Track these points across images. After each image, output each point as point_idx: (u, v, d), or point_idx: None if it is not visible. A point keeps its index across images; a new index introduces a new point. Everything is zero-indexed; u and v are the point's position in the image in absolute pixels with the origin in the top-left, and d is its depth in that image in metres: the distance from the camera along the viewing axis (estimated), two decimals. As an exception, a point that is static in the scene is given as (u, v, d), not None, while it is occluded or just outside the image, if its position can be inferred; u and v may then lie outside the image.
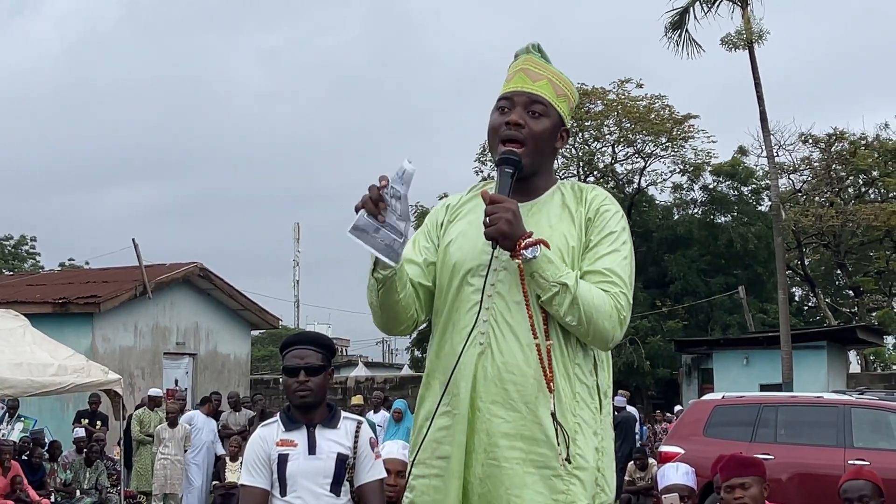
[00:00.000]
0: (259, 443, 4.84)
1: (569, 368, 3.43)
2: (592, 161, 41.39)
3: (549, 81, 3.56)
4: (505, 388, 3.34)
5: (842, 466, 11.73)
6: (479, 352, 3.37)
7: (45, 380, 14.60)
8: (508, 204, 3.29)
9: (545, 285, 3.32)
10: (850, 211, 38.80)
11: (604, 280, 3.43)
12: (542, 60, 3.59)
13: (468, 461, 3.35)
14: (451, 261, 3.51)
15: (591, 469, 3.42)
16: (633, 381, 36.10)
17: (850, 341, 30.60)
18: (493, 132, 3.55)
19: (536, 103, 3.51)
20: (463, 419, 3.35)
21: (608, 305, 3.39)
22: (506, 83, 3.58)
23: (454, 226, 3.62)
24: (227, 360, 27.39)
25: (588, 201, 3.58)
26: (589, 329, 3.38)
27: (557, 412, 3.35)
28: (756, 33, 26.21)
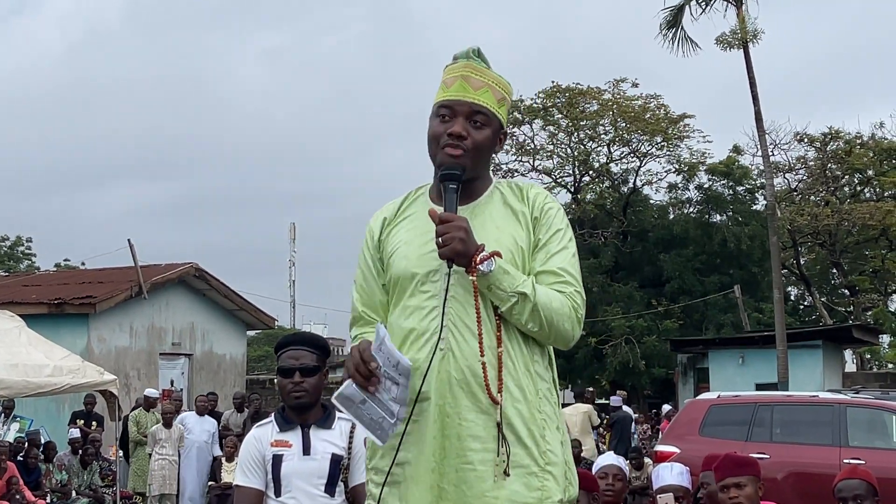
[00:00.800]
0: (254, 443, 4.85)
1: (530, 367, 3.44)
2: (588, 161, 41.39)
3: (489, 88, 3.52)
4: (471, 392, 3.34)
5: (837, 465, 11.73)
6: (441, 357, 3.36)
7: (40, 380, 14.59)
8: (460, 222, 3.29)
9: (503, 296, 3.34)
10: (846, 210, 38.83)
11: (558, 280, 3.45)
12: (483, 66, 3.55)
13: (440, 467, 3.33)
14: (399, 271, 3.49)
15: (560, 463, 3.45)
16: (629, 380, 36.12)
17: (846, 340, 30.60)
18: (434, 140, 3.50)
19: (478, 113, 3.49)
20: (426, 424, 3.34)
21: (566, 307, 3.42)
22: (444, 88, 3.53)
23: (394, 235, 3.59)
24: (223, 360, 27.38)
25: (531, 200, 3.57)
26: (550, 332, 3.41)
27: (525, 414, 3.38)
28: (750, 33, 26.23)
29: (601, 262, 37.68)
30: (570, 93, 40.35)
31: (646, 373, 35.49)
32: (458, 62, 3.56)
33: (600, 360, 36.18)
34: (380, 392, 3.25)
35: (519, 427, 3.36)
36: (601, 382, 37.09)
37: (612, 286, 37.00)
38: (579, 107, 40.37)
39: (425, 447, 3.35)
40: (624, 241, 39.71)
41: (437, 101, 3.54)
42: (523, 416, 3.38)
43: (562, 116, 40.79)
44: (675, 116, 40.16)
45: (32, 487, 15.53)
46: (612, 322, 35.35)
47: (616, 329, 35.31)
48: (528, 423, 3.38)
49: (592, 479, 6.59)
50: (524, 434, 3.36)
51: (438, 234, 3.28)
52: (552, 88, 40.51)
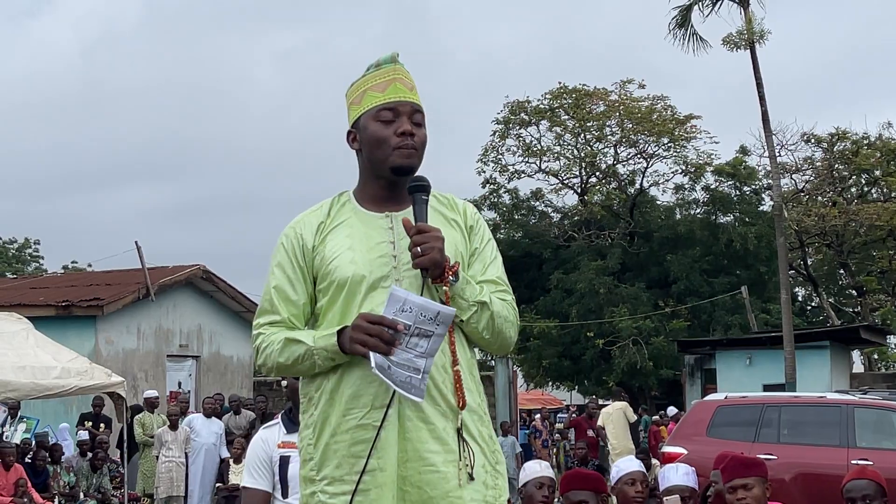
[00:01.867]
0: (261, 445, 4.85)
1: (473, 371, 3.51)
2: (594, 162, 41.39)
3: (416, 91, 3.58)
4: (431, 396, 3.36)
5: (845, 466, 11.72)
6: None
7: (48, 382, 14.62)
8: (437, 233, 3.33)
9: (465, 305, 3.39)
10: (853, 210, 38.78)
11: (498, 289, 3.53)
12: (406, 70, 3.60)
13: (402, 470, 3.35)
14: (347, 276, 3.45)
15: (504, 462, 3.58)
16: (637, 381, 36.10)
17: (854, 341, 30.56)
18: (381, 142, 3.50)
19: (417, 113, 3.54)
20: (393, 430, 3.35)
21: (512, 315, 3.52)
22: (376, 93, 3.54)
23: (331, 241, 3.55)
24: (230, 362, 27.41)
25: (460, 209, 3.63)
26: (497, 339, 3.49)
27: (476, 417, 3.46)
28: (757, 33, 26.22)
29: (608, 263, 37.67)
30: (577, 94, 40.36)
31: (653, 374, 35.46)
32: (383, 67, 3.58)
33: (607, 361, 36.16)
34: (398, 354, 3.24)
35: (473, 429, 3.43)
36: (608, 384, 37.06)
37: (618, 287, 36.98)
38: (586, 108, 40.38)
39: (391, 452, 3.35)
40: (631, 242, 39.69)
41: (373, 105, 3.53)
42: (475, 419, 3.46)
43: (568, 118, 40.79)
44: (681, 117, 40.16)
45: (40, 489, 15.55)
46: (619, 323, 35.33)
47: (623, 330, 35.28)
48: (478, 424, 3.47)
49: (600, 480, 6.58)
50: (477, 434, 3.44)
51: (416, 243, 3.29)
52: (559, 89, 40.53)
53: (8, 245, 55.17)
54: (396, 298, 3.24)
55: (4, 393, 14.17)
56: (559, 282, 37.21)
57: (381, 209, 3.54)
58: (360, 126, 3.57)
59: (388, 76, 3.55)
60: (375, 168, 3.55)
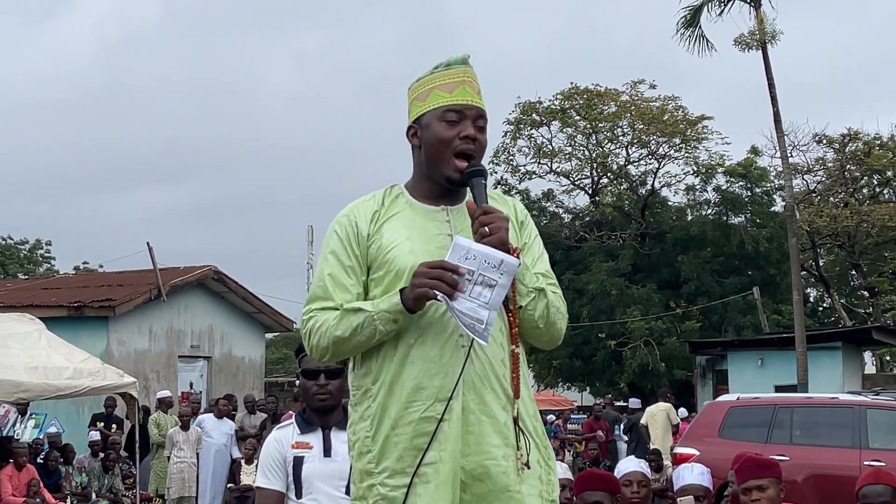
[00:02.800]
0: (274, 445, 4.85)
1: (525, 367, 3.52)
2: (606, 163, 41.34)
3: (481, 96, 3.59)
4: (493, 389, 3.38)
5: (857, 467, 11.72)
6: (464, 354, 3.37)
7: (60, 383, 14.65)
8: (502, 213, 3.33)
9: (524, 291, 3.40)
10: (865, 211, 38.68)
11: (549, 282, 3.54)
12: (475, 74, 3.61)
13: (467, 463, 3.36)
14: (406, 265, 3.42)
15: (554, 458, 3.60)
16: (649, 382, 36.02)
17: (866, 342, 30.49)
18: (443, 144, 3.50)
19: (482, 118, 3.55)
20: (455, 423, 3.35)
21: (563, 307, 3.55)
22: (444, 93, 3.54)
23: (388, 231, 3.54)
24: (242, 362, 27.44)
25: (512, 205, 3.66)
26: (549, 331, 3.50)
27: (531, 411, 3.48)
28: (769, 34, 26.17)
29: (619, 264, 37.63)
30: (588, 94, 40.32)
31: (665, 375, 35.41)
32: (453, 68, 3.58)
33: (619, 362, 36.12)
34: (461, 302, 3.22)
35: (528, 424, 3.45)
36: (620, 385, 37.03)
37: (630, 288, 36.93)
38: (597, 108, 40.34)
39: (453, 445, 3.35)
40: (642, 242, 39.63)
41: (439, 104, 3.53)
42: (529, 413, 3.47)
43: (580, 118, 40.75)
44: (693, 118, 40.10)
45: (52, 490, 15.59)
46: (630, 324, 35.29)
47: (635, 331, 35.23)
48: (532, 419, 3.48)
49: (615, 481, 6.58)
50: (531, 428, 3.45)
51: (483, 223, 3.28)
52: (570, 90, 40.48)
53: (20, 246, 55.29)
54: (460, 247, 3.24)
55: (17, 393, 14.20)
56: (570, 282, 37.15)
57: (437, 203, 3.54)
58: (422, 123, 3.56)
59: (458, 77, 3.56)
60: (432, 167, 3.55)
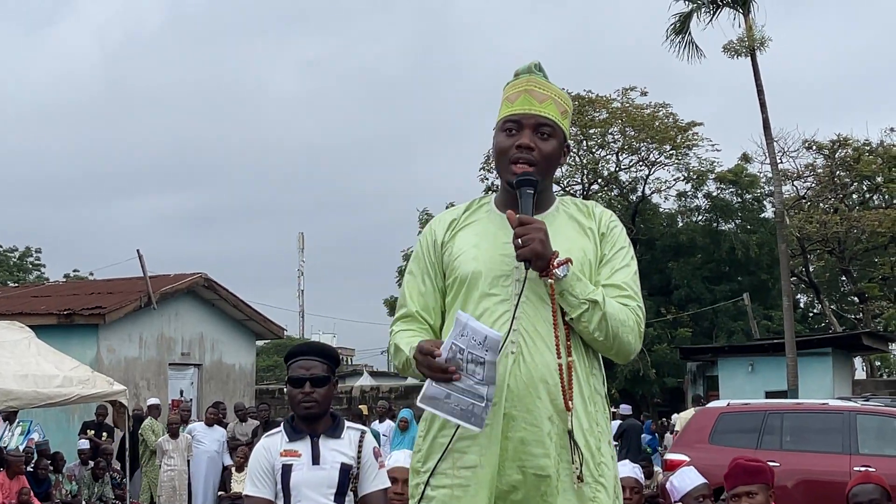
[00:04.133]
0: (263, 453, 4.85)
1: (590, 380, 3.49)
2: (597, 169, 41.37)
3: (553, 101, 3.59)
4: (539, 397, 3.38)
5: (847, 473, 11.73)
6: (512, 361, 3.39)
7: (50, 391, 14.64)
8: (539, 224, 3.34)
9: (575, 303, 3.38)
10: (855, 217, 38.74)
11: (622, 294, 3.50)
12: (544, 79, 3.62)
13: (500, 469, 3.37)
14: (468, 272, 3.51)
15: (612, 476, 3.52)
16: (640, 389, 36.04)
17: (856, 348, 30.52)
18: (502, 154, 3.56)
19: (544, 125, 3.55)
20: (496, 428, 3.37)
21: (631, 320, 3.48)
22: (508, 104, 3.59)
23: (461, 238, 3.62)
24: (232, 370, 27.39)
25: (597, 217, 3.65)
26: (614, 344, 3.46)
27: (585, 426, 3.43)
28: (758, 40, 26.23)
29: (610, 270, 37.61)
30: (580, 101, 40.36)
31: (656, 381, 35.42)
32: (520, 77, 3.62)
33: (610, 368, 36.02)
34: (463, 381, 3.25)
35: (579, 437, 3.41)
36: (611, 391, 37.03)
37: (620, 294, 36.93)
38: (588, 115, 40.37)
39: (493, 450, 3.37)
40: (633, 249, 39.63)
41: (501, 116, 3.59)
42: (582, 427, 3.43)
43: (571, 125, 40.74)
44: (683, 125, 40.15)
45: (42, 499, 15.54)
46: (621, 330, 35.24)
47: (625, 337, 35.21)
48: (586, 434, 3.44)
49: None
50: (582, 444, 3.41)
51: (518, 234, 3.31)
52: (561, 97, 40.48)
53: (9, 253, 55.14)
54: (459, 322, 3.26)
55: (6, 402, 14.18)
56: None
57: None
58: (494, 133, 3.62)
59: (521, 87, 3.59)
60: (500, 175, 3.62)
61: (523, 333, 3.40)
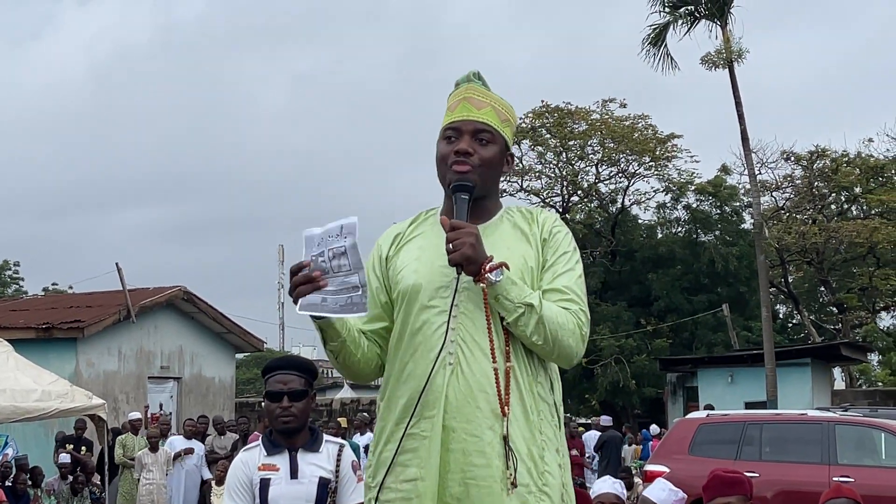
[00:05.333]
0: (241, 467, 4.84)
1: (533, 387, 3.46)
2: (576, 181, 41.46)
3: (492, 108, 3.60)
4: (479, 407, 3.36)
5: (826, 483, 11.73)
6: (450, 372, 3.38)
7: (28, 406, 14.55)
8: (470, 229, 3.33)
9: (510, 307, 3.36)
10: (833, 228, 38.91)
11: (563, 298, 3.48)
12: (484, 88, 3.64)
13: (443, 481, 3.35)
14: (409, 285, 3.52)
15: (557, 486, 3.46)
16: (620, 400, 36.10)
17: (835, 358, 30.66)
18: (442, 161, 3.58)
19: (483, 131, 3.56)
20: (435, 440, 3.36)
21: (571, 323, 3.44)
22: (449, 112, 3.62)
23: (404, 252, 3.63)
24: (212, 383, 27.31)
25: (540, 223, 3.64)
26: (554, 348, 3.42)
27: (525, 434, 3.40)
28: (735, 52, 26.35)
29: (590, 282, 37.69)
30: (559, 113, 40.45)
31: (636, 392, 35.48)
32: (460, 87, 3.64)
33: (590, 379, 36.16)
34: (332, 281, 3.29)
35: (520, 445, 3.38)
36: (591, 402, 37.08)
37: (600, 306, 37.03)
38: (568, 127, 40.47)
39: (432, 462, 3.36)
40: (612, 260, 39.75)
41: (444, 124, 3.61)
42: (524, 436, 3.39)
43: (550, 136, 40.87)
44: (662, 136, 40.28)
45: (21, 513, 15.47)
46: (601, 342, 35.35)
47: (605, 349, 35.30)
48: (528, 442, 3.40)
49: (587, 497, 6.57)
50: (524, 453, 3.38)
51: (449, 240, 3.31)
52: (541, 108, 40.61)
53: (-12, 267, 54.92)
54: (309, 238, 3.33)
55: (-16, 416, 14.10)
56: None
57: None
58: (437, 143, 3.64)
59: (461, 95, 3.62)
60: (442, 184, 3.61)
61: (461, 344, 3.40)
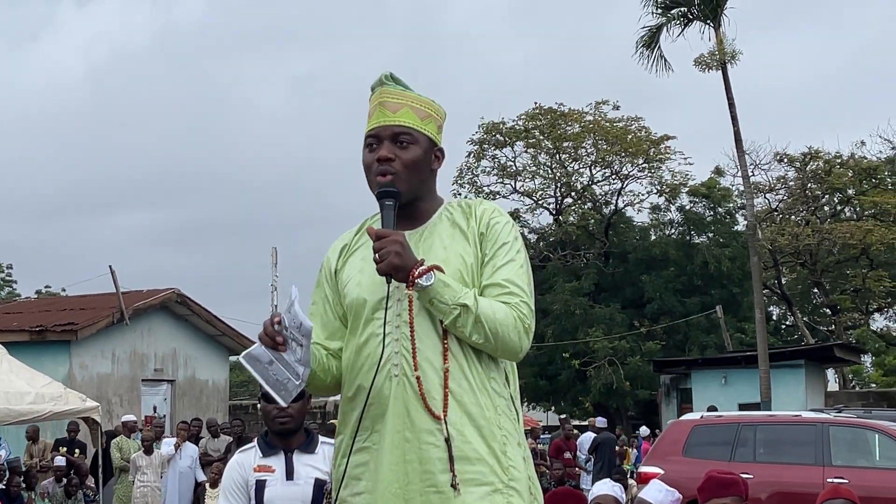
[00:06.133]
0: (237, 469, 4.84)
1: (485, 384, 3.42)
2: (570, 182, 41.48)
3: (409, 108, 3.55)
4: (428, 410, 3.33)
5: (820, 484, 11.77)
6: (396, 383, 3.35)
7: (22, 408, 14.54)
8: (395, 237, 3.30)
9: (445, 309, 3.33)
10: (826, 229, 38.95)
11: (504, 292, 3.43)
12: (399, 88, 3.59)
13: (406, 493, 3.32)
14: (353, 299, 3.50)
15: (524, 479, 3.44)
16: (614, 402, 36.08)
17: (828, 360, 30.68)
18: (367, 170, 3.55)
19: (402, 134, 3.51)
20: (387, 452, 3.34)
21: (511, 317, 3.40)
22: (369, 120, 3.58)
23: (349, 265, 3.61)
24: (206, 386, 27.29)
25: (478, 216, 3.58)
26: (497, 344, 3.39)
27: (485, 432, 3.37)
28: (728, 54, 26.38)
29: (583, 283, 37.72)
30: (552, 115, 40.47)
31: (630, 394, 35.48)
32: (375, 91, 3.60)
33: (584, 381, 36.16)
34: (287, 353, 3.26)
35: (478, 444, 3.34)
36: (585, 404, 37.08)
37: (594, 308, 37.03)
38: (561, 128, 40.49)
39: (382, 475, 3.34)
40: (606, 262, 39.76)
41: (365, 132, 3.58)
42: (482, 434, 3.36)
43: (544, 138, 40.89)
44: (656, 138, 40.31)
45: (15, 516, 15.43)
46: (594, 344, 35.36)
47: (599, 351, 35.30)
48: (487, 439, 3.36)
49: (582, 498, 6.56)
50: (484, 451, 3.34)
51: (375, 250, 3.28)
52: (534, 110, 40.63)
53: (-19, 270, 54.84)
54: (289, 298, 3.28)
55: (-22, 419, 14.08)
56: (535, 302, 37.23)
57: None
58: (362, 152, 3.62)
59: (376, 101, 3.58)
60: (372, 192, 3.56)
61: (404, 354, 3.37)
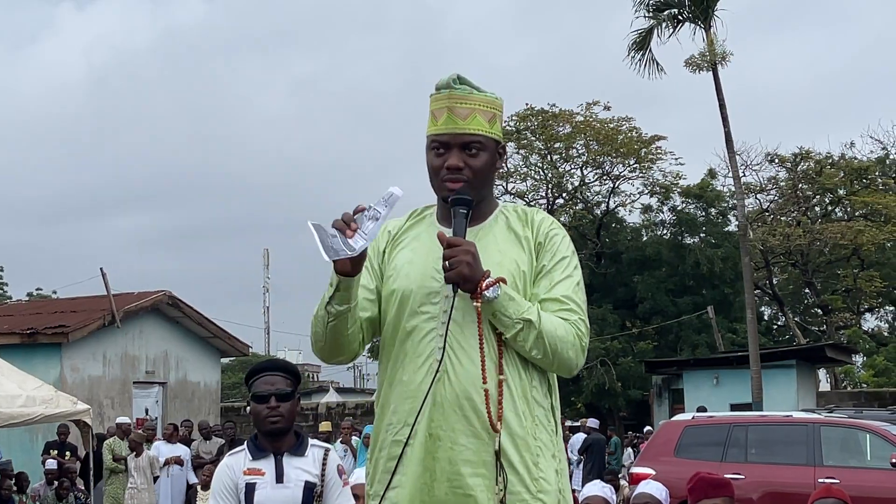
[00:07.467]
0: (226, 471, 4.82)
1: (527, 392, 3.41)
2: (561, 183, 41.51)
3: (477, 113, 3.50)
4: (465, 416, 3.32)
5: (812, 485, 11.78)
6: (437, 380, 3.34)
7: (13, 411, 14.50)
8: (467, 246, 3.28)
9: (508, 323, 3.31)
10: (817, 230, 39.04)
11: (562, 308, 3.42)
12: (466, 90, 3.53)
13: (430, 490, 3.32)
14: (400, 290, 3.48)
15: (553, 491, 3.42)
16: (605, 402, 36.10)
17: (820, 360, 30.71)
18: (434, 173, 3.52)
19: (473, 142, 3.48)
20: (419, 448, 3.34)
21: (571, 335, 3.39)
22: (433, 121, 3.52)
23: (399, 254, 3.59)
24: (197, 388, 27.24)
25: (536, 225, 3.56)
26: (554, 360, 3.38)
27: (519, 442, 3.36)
28: (719, 55, 26.42)
29: (575, 284, 37.71)
30: (543, 115, 40.50)
31: (622, 395, 35.50)
32: (441, 92, 3.53)
33: (576, 382, 36.17)
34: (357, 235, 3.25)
35: (511, 454, 3.33)
36: (577, 405, 37.09)
37: (586, 308, 37.02)
38: (552, 129, 40.52)
39: (412, 470, 3.34)
40: (598, 263, 39.79)
41: (428, 133, 3.53)
42: (516, 443, 3.35)
43: (535, 139, 40.91)
44: (646, 138, 40.35)
45: (6, 519, 15.41)
46: (586, 344, 35.32)
47: (591, 351, 35.22)
48: (521, 449, 3.35)
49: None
50: (516, 460, 3.33)
51: (445, 257, 3.26)
52: (525, 111, 40.65)
53: (-29, 273, 54.73)
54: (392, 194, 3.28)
55: (-31, 422, 14.05)
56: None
57: (448, 226, 3.46)
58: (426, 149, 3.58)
59: (443, 103, 3.51)
60: (435, 192, 3.56)
61: (450, 352, 3.36)
